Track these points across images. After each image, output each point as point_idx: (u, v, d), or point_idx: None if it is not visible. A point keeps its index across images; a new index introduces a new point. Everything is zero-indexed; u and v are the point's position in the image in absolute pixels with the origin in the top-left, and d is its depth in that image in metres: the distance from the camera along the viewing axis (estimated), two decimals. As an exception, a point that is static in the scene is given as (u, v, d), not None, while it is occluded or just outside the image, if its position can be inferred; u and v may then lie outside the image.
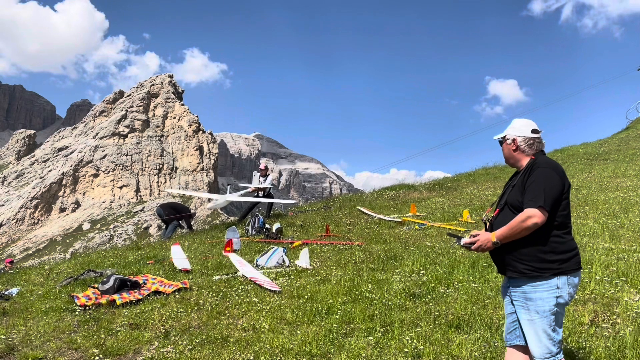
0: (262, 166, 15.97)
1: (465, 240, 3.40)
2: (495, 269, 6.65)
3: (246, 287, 6.93)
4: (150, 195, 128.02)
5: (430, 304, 5.78)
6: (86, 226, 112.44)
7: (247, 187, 16.13)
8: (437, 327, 5.02)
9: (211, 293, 6.72)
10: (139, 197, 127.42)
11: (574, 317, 4.99)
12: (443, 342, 4.65)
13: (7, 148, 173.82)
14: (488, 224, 3.51)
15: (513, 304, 3.39)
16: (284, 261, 8.44)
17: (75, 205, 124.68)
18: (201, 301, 6.35)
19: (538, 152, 3.44)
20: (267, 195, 15.46)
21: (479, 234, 3.35)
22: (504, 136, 3.55)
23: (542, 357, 3.18)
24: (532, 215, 3.13)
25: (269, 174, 15.66)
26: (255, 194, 15.36)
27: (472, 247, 3.35)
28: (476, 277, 6.64)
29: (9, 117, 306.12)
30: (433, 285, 6.42)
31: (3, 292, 7.96)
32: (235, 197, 15.32)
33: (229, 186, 20.55)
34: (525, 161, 3.43)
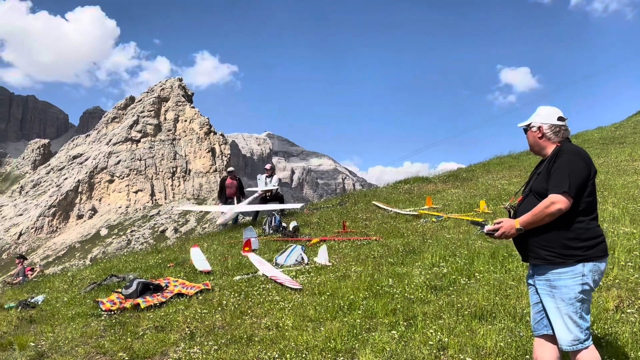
0: (267, 166, 16.05)
1: (489, 227, 3.39)
2: (516, 258, 6.64)
3: (267, 286, 6.98)
4: (165, 199, 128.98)
5: (452, 295, 5.78)
6: (104, 232, 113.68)
7: (253, 192, 16.09)
8: (460, 319, 5.02)
9: (233, 293, 6.78)
10: (154, 201, 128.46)
11: (598, 304, 4.96)
12: (467, 334, 4.65)
13: (23, 158, 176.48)
14: (512, 211, 3.50)
15: (538, 293, 3.38)
16: (302, 259, 8.47)
17: (92, 212, 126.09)
18: (224, 302, 6.41)
19: (564, 140, 3.42)
20: (276, 196, 15.46)
21: (502, 221, 3.34)
22: (529, 124, 3.51)
23: (570, 345, 3.17)
24: (556, 201, 3.11)
25: (274, 174, 15.69)
26: (265, 196, 15.40)
27: (496, 234, 3.34)
28: (497, 268, 6.62)
29: (23, 127, 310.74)
30: (454, 277, 6.42)
31: (29, 299, 8.12)
32: (243, 207, 15.10)
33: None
34: (550, 149, 3.40)
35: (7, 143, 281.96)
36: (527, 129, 3.54)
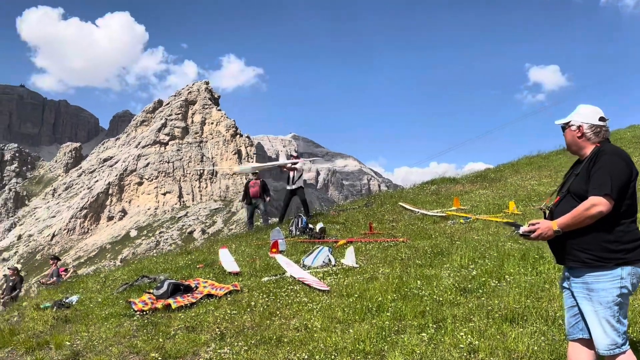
0: (294, 153, 15.96)
1: (525, 228, 3.31)
2: (547, 261, 6.53)
3: (295, 288, 7.02)
4: (193, 201, 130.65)
5: (482, 298, 5.71)
6: (133, 233, 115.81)
7: (275, 163, 16.29)
8: (491, 322, 4.95)
9: (262, 294, 6.84)
10: (182, 203, 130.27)
11: (634, 307, 4.84)
12: (498, 337, 4.59)
13: (56, 161, 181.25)
14: (547, 212, 3.43)
15: (574, 296, 3.31)
16: (330, 260, 8.49)
17: (122, 213, 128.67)
18: (252, 303, 6.46)
19: (604, 140, 3.33)
20: (298, 192, 15.21)
21: (539, 222, 3.26)
22: (568, 122, 3.42)
23: (607, 349, 3.10)
24: (597, 204, 3.04)
25: (299, 160, 15.55)
26: (287, 176, 15.35)
27: (532, 236, 3.26)
28: (528, 270, 6.51)
29: (55, 131, 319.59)
30: (483, 279, 6.34)
31: (64, 299, 8.34)
32: (261, 165, 15.38)
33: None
34: (589, 149, 3.31)
35: (40, 147, 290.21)
36: (565, 126, 3.46)
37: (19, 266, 19.30)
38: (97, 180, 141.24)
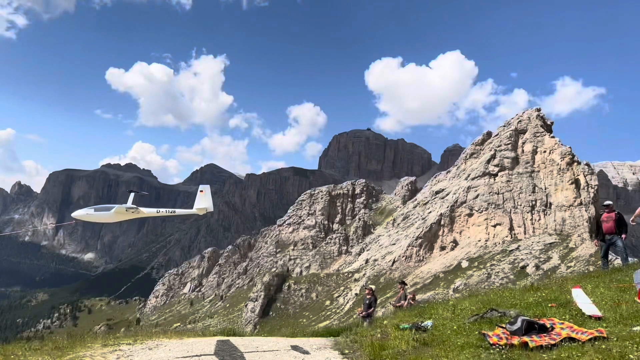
0: None
1: None
2: None
3: (683, 344, 5.83)
4: (525, 234, 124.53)
5: None
6: (464, 264, 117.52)
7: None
8: None
9: (636, 346, 5.93)
10: (513, 236, 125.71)
11: None
12: None
13: (395, 194, 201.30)
14: None
15: None
16: None
17: (454, 244, 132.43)
18: (626, 354, 5.66)
19: None
20: None
21: None
22: None
23: None
24: None
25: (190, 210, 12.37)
26: None
27: None
28: None
29: (394, 167, 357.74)
30: None
31: (419, 323, 9.04)
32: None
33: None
34: None
35: (382, 181, 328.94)
36: None
37: (373, 287, 22.04)
38: (430, 212, 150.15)
